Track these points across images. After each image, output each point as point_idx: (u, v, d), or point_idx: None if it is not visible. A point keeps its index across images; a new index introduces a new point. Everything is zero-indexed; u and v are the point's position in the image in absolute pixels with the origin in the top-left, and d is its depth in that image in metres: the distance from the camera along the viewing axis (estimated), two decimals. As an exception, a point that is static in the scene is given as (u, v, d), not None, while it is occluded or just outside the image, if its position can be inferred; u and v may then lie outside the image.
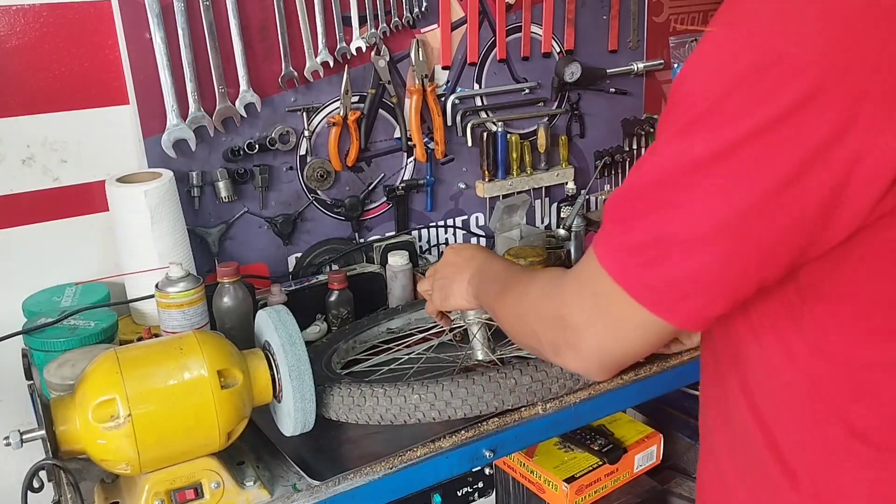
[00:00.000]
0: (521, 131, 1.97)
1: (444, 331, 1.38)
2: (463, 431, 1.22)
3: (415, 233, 1.89)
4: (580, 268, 0.78)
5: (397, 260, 1.64)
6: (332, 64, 1.68)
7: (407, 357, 1.38)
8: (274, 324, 1.10)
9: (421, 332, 1.48)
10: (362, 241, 1.82)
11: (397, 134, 1.81)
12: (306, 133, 1.70)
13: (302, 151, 1.72)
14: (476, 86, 1.90)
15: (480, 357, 1.30)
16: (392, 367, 1.36)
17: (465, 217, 1.97)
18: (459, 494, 1.64)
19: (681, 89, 0.68)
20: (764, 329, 0.75)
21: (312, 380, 1.08)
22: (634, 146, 2.15)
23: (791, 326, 0.73)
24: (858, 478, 0.73)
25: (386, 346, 1.46)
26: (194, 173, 1.60)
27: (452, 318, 1.30)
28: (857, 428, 0.72)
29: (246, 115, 1.62)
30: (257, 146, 1.65)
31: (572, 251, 1.78)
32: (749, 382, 0.79)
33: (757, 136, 0.62)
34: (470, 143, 1.89)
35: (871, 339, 0.70)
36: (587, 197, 2.04)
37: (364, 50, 1.71)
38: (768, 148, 0.62)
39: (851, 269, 0.68)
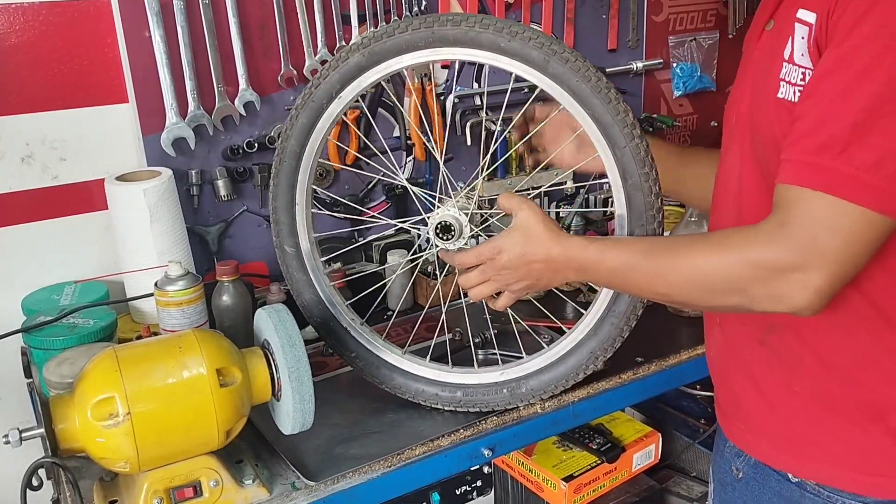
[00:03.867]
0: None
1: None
2: (461, 430, 1.22)
3: (414, 231, 1.89)
4: (791, 219, 0.84)
5: (396, 258, 1.64)
6: (331, 63, 1.68)
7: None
8: (273, 323, 1.10)
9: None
10: (361, 239, 1.82)
11: (396, 133, 1.81)
12: (305, 132, 1.70)
13: (301, 150, 1.71)
14: (475, 85, 1.90)
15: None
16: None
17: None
18: (458, 493, 1.64)
19: None
20: None
21: (311, 379, 1.08)
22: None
23: None
24: None
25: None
26: (193, 172, 1.60)
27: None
28: None
29: (245, 114, 1.62)
30: (256, 145, 1.65)
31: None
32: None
33: None
34: (469, 143, 1.89)
35: None
36: (586, 196, 2.04)
37: (363, 49, 1.71)
38: None
39: None
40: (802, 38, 0.87)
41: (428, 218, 1.16)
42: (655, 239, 1.04)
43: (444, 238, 1.13)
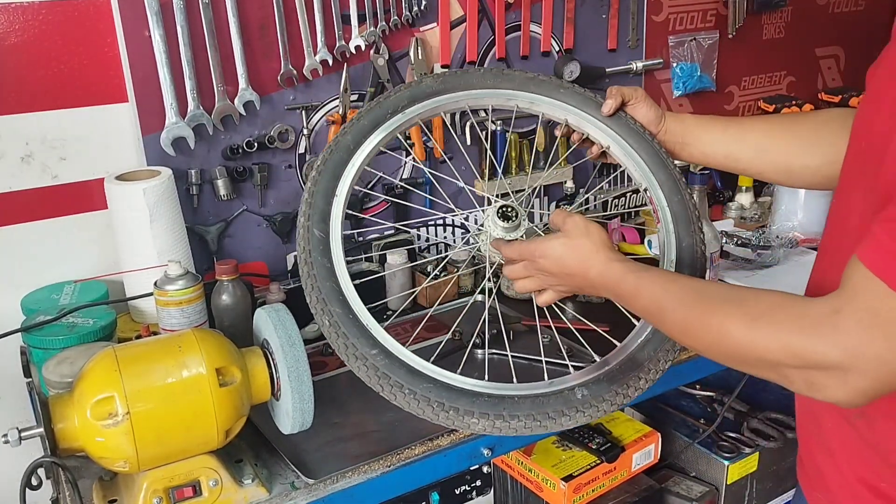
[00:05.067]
0: (520, 130, 1.97)
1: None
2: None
3: (413, 231, 1.89)
4: (849, 312, 0.74)
5: (396, 258, 1.64)
6: (331, 62, 1.68)
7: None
8: (273, 322, 1.10)
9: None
10: (361, 239, 1.82)
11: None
12: (305, 131, 1.70)
13: (301, 150, 1.72)
14: (475, 84, 1.90)
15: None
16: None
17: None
18: (457, 493, 1.64)
19: None
20: None
21: (311, 378, 1.08)
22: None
23: None
24: None
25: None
26: (193, 171, 1.60)
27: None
28: None
29: (245, 114, 1.62)
30: (256, 144, 1.65)
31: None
32: None
33: None
34: (469, 142, 1.89)
35: None
36: (586, 196, 2.04)
37: (363, 48, 1.71)
38: None
39: None
40: None
41: (496, 202, 1.19)
42: (695, 284, 0.94)
43: (503, 221, 1.16)
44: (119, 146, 1.56)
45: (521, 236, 1.17)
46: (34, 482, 0.98)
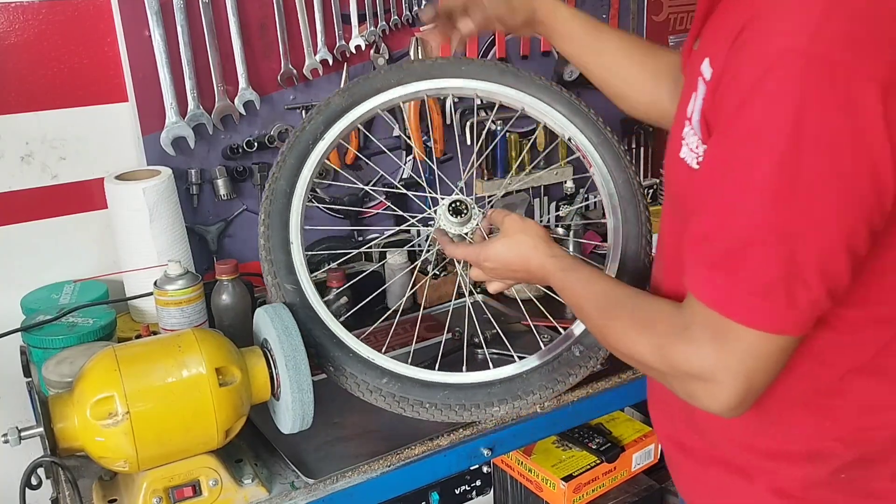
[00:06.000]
0: (520, 130, 1.97)
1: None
2: (461, 430, 1.22)
3: (413, 231, 1.89)
4: (695, 326, 0.79)
5: (396, 258, 1.64)
6: (331, 62, 1.68)
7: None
8: (273, 322, 1.10)
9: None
10: (361, 239, 1.82)
11: (396, 132, 1.81)
12: (305, 131, 1.70)
13: (301, 149, 1.71)
14: (475, 84, 1.90)
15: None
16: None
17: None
18: (457, 492, 1.64)
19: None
20: None
21: (311, 378, 1.08)
22: (634, 145, 2.15)
23: None
24: None
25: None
26: (193, 171, 1.60)
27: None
28: None
29: (245, 113, 1.62)
30: (256, 144, 1.65)
31: (570, 250, 1.78)
32: None
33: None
34: (469, 142, 1.89)
35: None
36: (586, 195, 2.04)
37: (363, 48, 1.71)
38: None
39: None
40: (701, 98, 0.80)
41: (442, 199, 1.23)
42: (607, 288, 0.98)
43: (454, 217, 1.20)
44: (119, 146, 1.56)
45: (474, 229, 1.22)
46: (34, 482, 0.98)
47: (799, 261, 0.72)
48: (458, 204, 1.22)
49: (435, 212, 1.25)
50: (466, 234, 1.22)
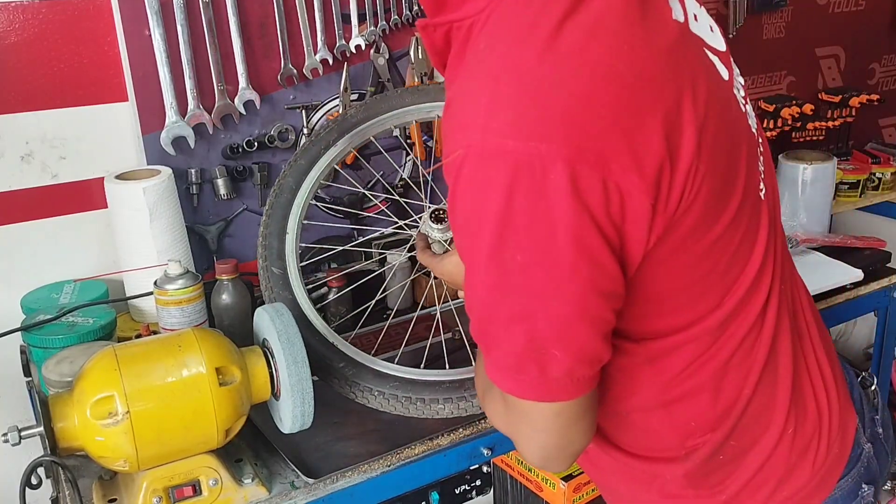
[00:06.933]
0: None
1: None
2: (461, 429, 1.22)
3: (413, 231, 1.89)
4: (494, 389, 0.83)
5: (396, 258, 1.64)
6: (331, 61, 1.68)
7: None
8: (273, 322, 1.10)
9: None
10: (361, 238, 1.82)
11: (396, 132, 1.81)
12: (305, 131, 1.70)
13: (301, 149, 1.72)
14: (475, 84, 1.89)
15: None
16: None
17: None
18: (457, 492, 1.64)
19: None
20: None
21: (311, 378, 1.08)
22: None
23: None
24: None
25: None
26: (193, 170, 1.60)
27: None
28: None
29: (245, 113, 1.62)
30: (256, 143, 1.65)
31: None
32: None
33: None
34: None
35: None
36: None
37: (363, 47, 1.71)
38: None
39: None
40: None
41: (429, 207, 1.24)
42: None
43: (435, 224, 1.21)
44: (119, 145, 1.56)
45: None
46: (34, 481, 0.98)
47: (537, 337, 0.74)
48: (440, 212, 1.23)
49: (420, 217, 1.27)
50: (447, 241, 1.22)
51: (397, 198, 1.71)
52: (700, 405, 0.88)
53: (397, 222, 1.58)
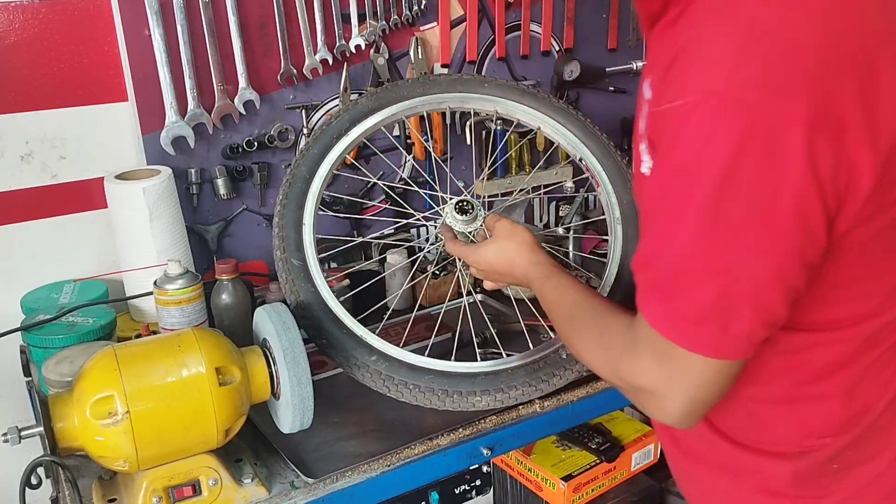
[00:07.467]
0: (520, 130, 1.97)
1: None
2: (461, 429, 1.22)
3: (413, 231, 1.89)
4: (641, 342, 0.81)
5: (396, 258, 1.64)
6: (331, 61, 1.68)
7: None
8: (272, 322, 1.10)
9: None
10: (361, 238, 1.82)
11: (396, 132, 1.81)
12: (305, 131, 1.70)
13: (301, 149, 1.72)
14: (475, 84, 1.90)
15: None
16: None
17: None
18: (457, 492, 1.64)
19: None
20: None
21: (311, 378, 1.08)
22: (631, 145, 2.15)
23: None
24: None
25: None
26: (193, 170, 1.60)
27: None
28: None
29: (245, 113, 1.62)
30: (256, 143, 1.65)
31: (570, 250, 1.78)
32: None
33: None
34: (469, 142, 1.89)
35: None
36: (586, 196, 2.04)
37: (363, 47, 1.71)
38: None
39: None
40: (644, 118, 0.81)
41: (450, 199, 1.28)
42: (576, 300, 1.01)
43: (460, 215, 1.25)
44: (119, 145, 1.56)
45: (479, 227, 1.26)
46: (34, 481, 0.98)
47: (731, 293, 0.73)
48: (464, 203, 1.25)
49: (442, 209, 1.29)
50: (470, 232, 1.25)
51: (418, 190, 1.72)
52: (829, 408, 0.85)
53: (413, 215, 1.60)
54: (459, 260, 1.32)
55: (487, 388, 1.20)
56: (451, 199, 1.28)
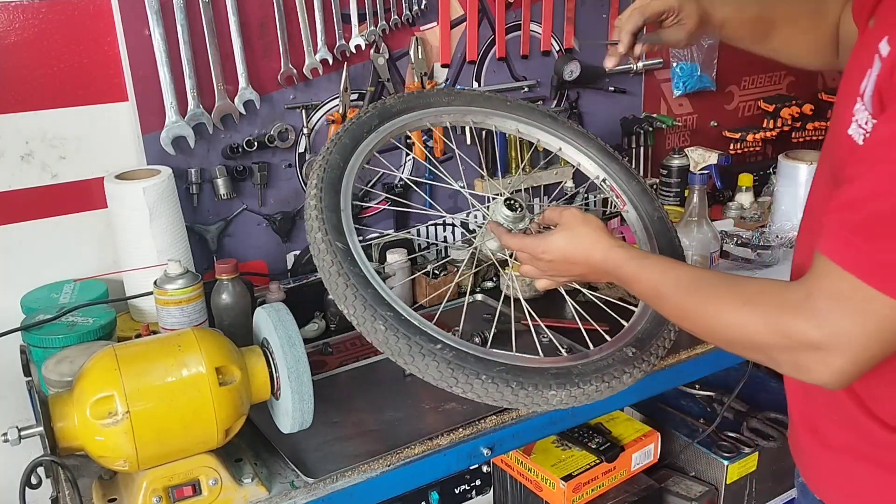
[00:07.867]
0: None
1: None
2: (461, 429, 1.22)
3: (413, 231, 1.89)
4: (819, 294, 0.79)
5: (396, 258, 1.64)
6: (331, 61, 1.68)
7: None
8: (272, 321, 1.10)
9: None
10: (361, 238, 1.82)
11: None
12: (305, 130, 1.70)
13: (301, 149, 1.72)
14: (475, 84, 1.90)
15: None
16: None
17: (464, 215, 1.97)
18: (457, 492, 1.64)
19: None
20: None
21: (310, 377, 1.08)
22: (633, 144, 2.15)
23: None
24: None
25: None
26: (193, 170, 1.60)
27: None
28: None
29: (245, 113, 1.62)
30: (256, 143, 1.65)
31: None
32: None
33: None
34: (469, 142, 1.89)
35: None
36: (586, 195, 2.04)
37: (363, 47, 1.71)
38: None
39: None
40: (876, 74, 0.80)
41: (496, 197, 1.26)
42: (691, 271, 0.98)
43: (509, 212, 1.23)
44: (119, 145, 1.56)
45: (526, 228, 1.23)
46: (34, 481, 0.98)
47: None
48: (512, 201, 1.24)
49: (488, 207, 1.28)
50: (520, 230, 1.24)
51: (461, 190, 1.72)
52: None
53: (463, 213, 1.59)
54: (507, 262, 1.28)
55: (563, 381, 1.13)
56: (496, 197, 1.26)
